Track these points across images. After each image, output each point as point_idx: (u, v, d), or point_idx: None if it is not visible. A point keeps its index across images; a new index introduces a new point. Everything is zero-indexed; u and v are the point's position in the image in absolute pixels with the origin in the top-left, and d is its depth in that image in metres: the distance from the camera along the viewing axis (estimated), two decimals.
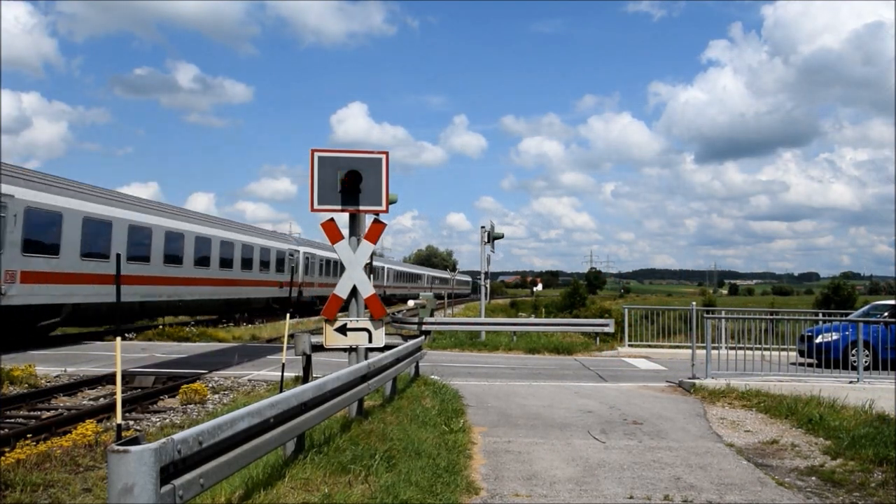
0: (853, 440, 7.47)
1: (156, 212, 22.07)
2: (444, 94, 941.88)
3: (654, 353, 18.28)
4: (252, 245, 29.27)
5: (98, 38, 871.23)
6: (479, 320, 21.87)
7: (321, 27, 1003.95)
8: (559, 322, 24.09)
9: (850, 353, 12.45)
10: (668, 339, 19.57)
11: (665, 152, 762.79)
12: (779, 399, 9.88)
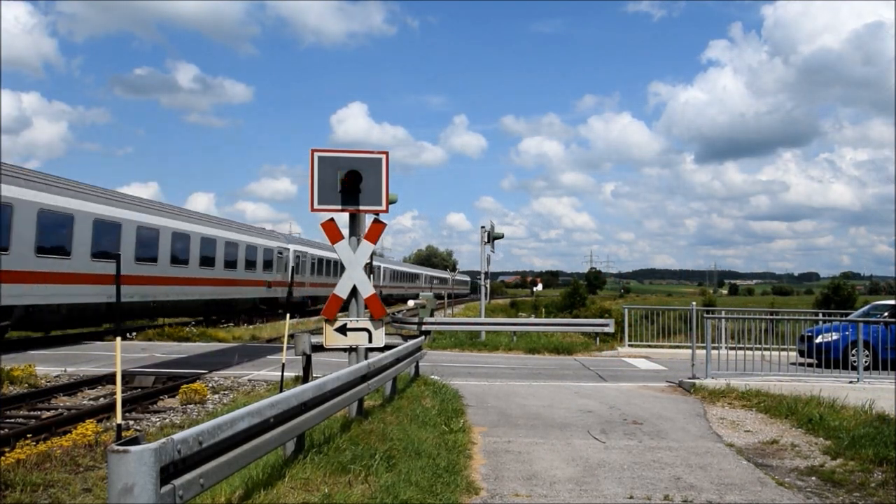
0: (853, 440, 7.47)
1: (125, 205, 20.23)
2: (444, 94, 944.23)
3: (654, 353, 18.27)
4: (237, 242, 27.51)
5: (98, 38, 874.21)
6: (479, 320, 21.87)
7: (321, 27, 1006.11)
8: (559, 322, 24.07)
9: (850, 353, 12.45)
10: (668, 339, 19.57)
11: (665, 152, 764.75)
12: (779, 399, 9.88)
